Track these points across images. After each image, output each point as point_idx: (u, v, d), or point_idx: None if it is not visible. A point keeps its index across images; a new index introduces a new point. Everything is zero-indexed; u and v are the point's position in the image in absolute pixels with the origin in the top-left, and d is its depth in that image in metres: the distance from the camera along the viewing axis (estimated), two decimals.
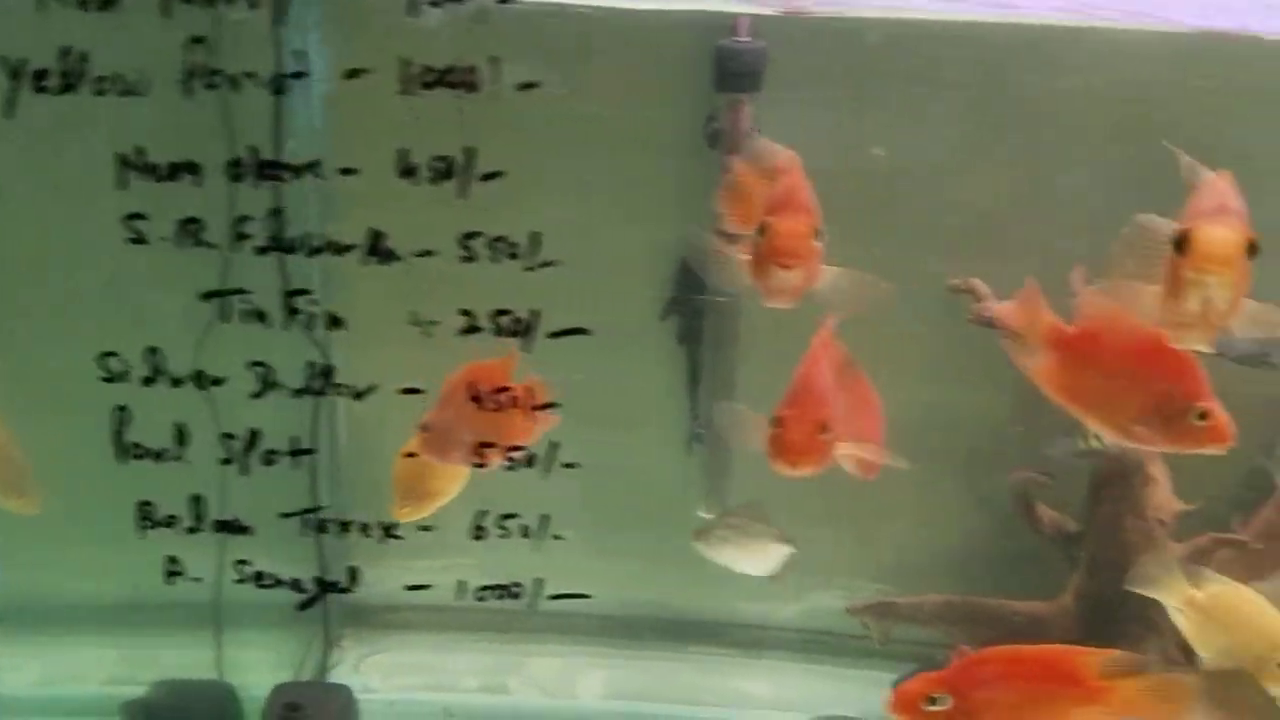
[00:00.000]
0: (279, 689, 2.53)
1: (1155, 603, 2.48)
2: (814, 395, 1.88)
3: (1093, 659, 1.70)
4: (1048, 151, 2.71)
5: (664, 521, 3.03)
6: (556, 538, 2.21)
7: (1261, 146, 2.50)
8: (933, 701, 1.71)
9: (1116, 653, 1.75)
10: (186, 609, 2.69)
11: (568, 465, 2.17)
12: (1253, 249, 1.49)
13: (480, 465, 2.12)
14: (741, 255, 1.89)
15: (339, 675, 3.01)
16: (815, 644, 3.14)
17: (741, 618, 3.19)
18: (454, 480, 2.20)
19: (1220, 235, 1.48)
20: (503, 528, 2.16)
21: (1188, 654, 2.55)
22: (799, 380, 1.91)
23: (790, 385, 1.93)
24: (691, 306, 2.79)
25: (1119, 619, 2.48)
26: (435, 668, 3.07)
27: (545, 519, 2.18)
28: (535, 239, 2.08)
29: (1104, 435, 1.85)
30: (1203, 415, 1.64)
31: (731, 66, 2.52)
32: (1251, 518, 2.55)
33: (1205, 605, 2.00)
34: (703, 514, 2.97)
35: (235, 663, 2.86)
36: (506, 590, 2.18)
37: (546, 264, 2.08)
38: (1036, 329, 1.73)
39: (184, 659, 2.80)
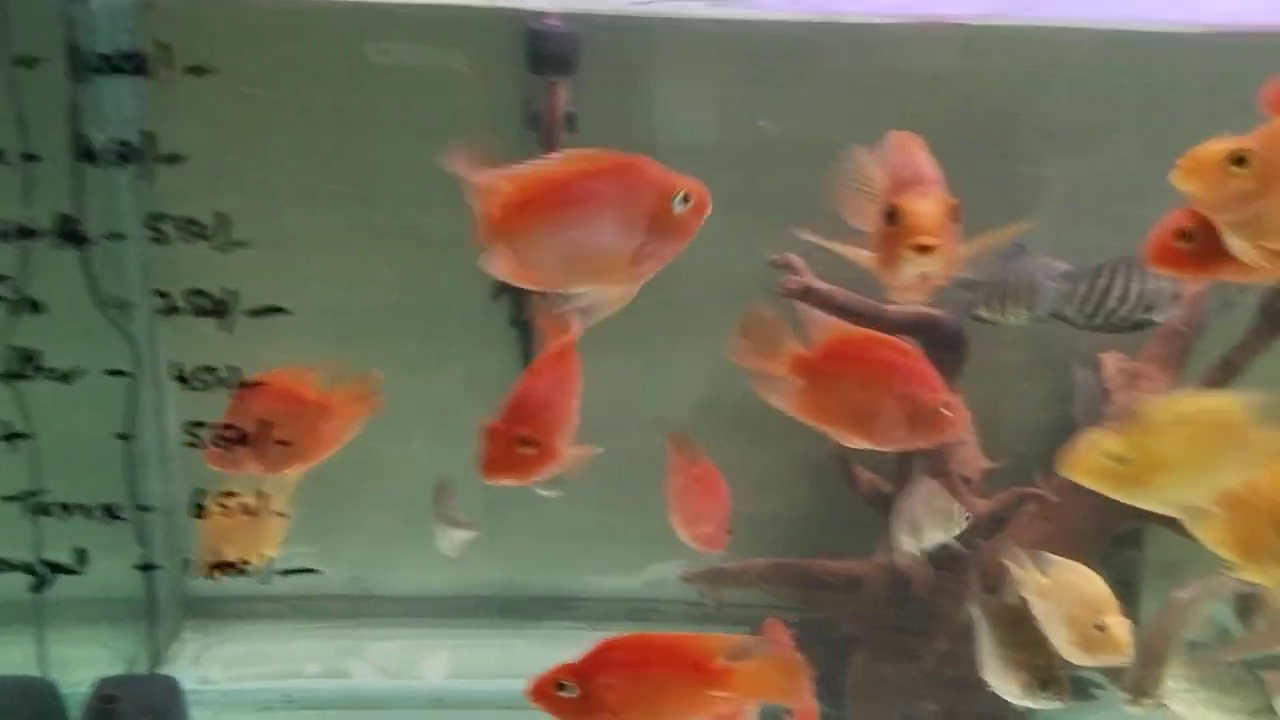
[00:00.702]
0: (102, 683, 2.50)
1: (964, 558, 2.64)
2: (522, 408, 1.89)
3: (712, 644, 1.79)
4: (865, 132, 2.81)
5: (505, 501, 3.09)
6: (280, 515, 2.22)
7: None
8: (561, 688, 1.80)
9: (734, 637, 1.84)
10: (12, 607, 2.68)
11: None
12: (954, 213, 1.63)
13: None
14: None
15: (178, 668, 2.98)
16: (658, 613, 3.21)
17: (587, 591, 3.25)
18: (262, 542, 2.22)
19: (926, 208, 1.61)
20: (222, 505, 2.16)
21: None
22: (515, 389, 1.92)
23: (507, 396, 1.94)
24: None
25: (930, 576, 2.62)
26: (276, 656, 3.06)
27: (264, 496, 2.19)
28: (223, 220, 2.09)
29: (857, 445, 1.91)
30: (945, 407, 1.79)
31: (543, 50, 2.56)
32: (1053, 473, 2.69)
33: (1049, 589, 2.13)
34: (542, 492, 3.02)
35: (67, 660, 2.82)
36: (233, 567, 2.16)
37: (237, 244, 2.11)
38: (779, 362, 1.82)
39: (10, 657, 2.76)
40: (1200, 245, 1.65)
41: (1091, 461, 1.73)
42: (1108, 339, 2.75)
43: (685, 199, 1.60)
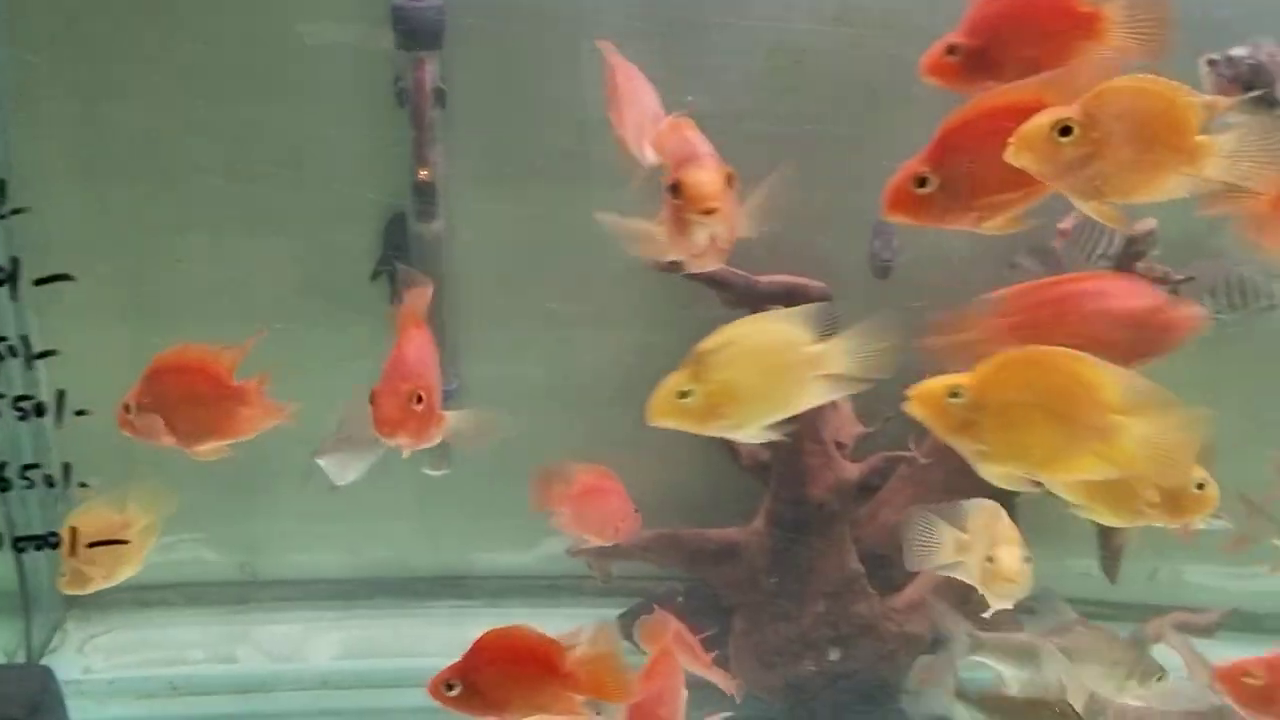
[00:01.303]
0: None
1: (838, 522, 2.70)
2: (406, 369, 1.99)
3: (559, 649, 1.93)
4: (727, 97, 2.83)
5: (393, 481, 3.09)
6: (83, 485, 2.21)
7: None
8: (450, 688, 1.95)
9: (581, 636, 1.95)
10: None
11: None
12: (730, 180, 1.79)
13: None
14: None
15: (61, 658, 2.94)
16: (551, 589, 3.24)
17: (477, 569, 3.25)
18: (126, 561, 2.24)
19: (705, 178, 1.76)
20: (26, 478, 2.15)
21: (868, 567, 2.79)
22: (392, 357, 2.02)
23: (386, 361, 2.04)
24: (399, 268, 2.81)
25: (804, 538, 2.67)
26: (162, 644, 3.03)
27: (68, 467, 2.19)
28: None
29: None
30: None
31: (409, 25, 2.55)
32: (925, 437, 2.75)
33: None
34: (429, 471, 3.03)
35: None
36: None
37: (16, 211, 2.12)
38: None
39: None
40: (938, 193, 1.70)
41: (665, 402, 1.81)
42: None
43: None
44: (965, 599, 2.72)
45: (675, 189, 1.79)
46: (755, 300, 2.63)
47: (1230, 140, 1.64)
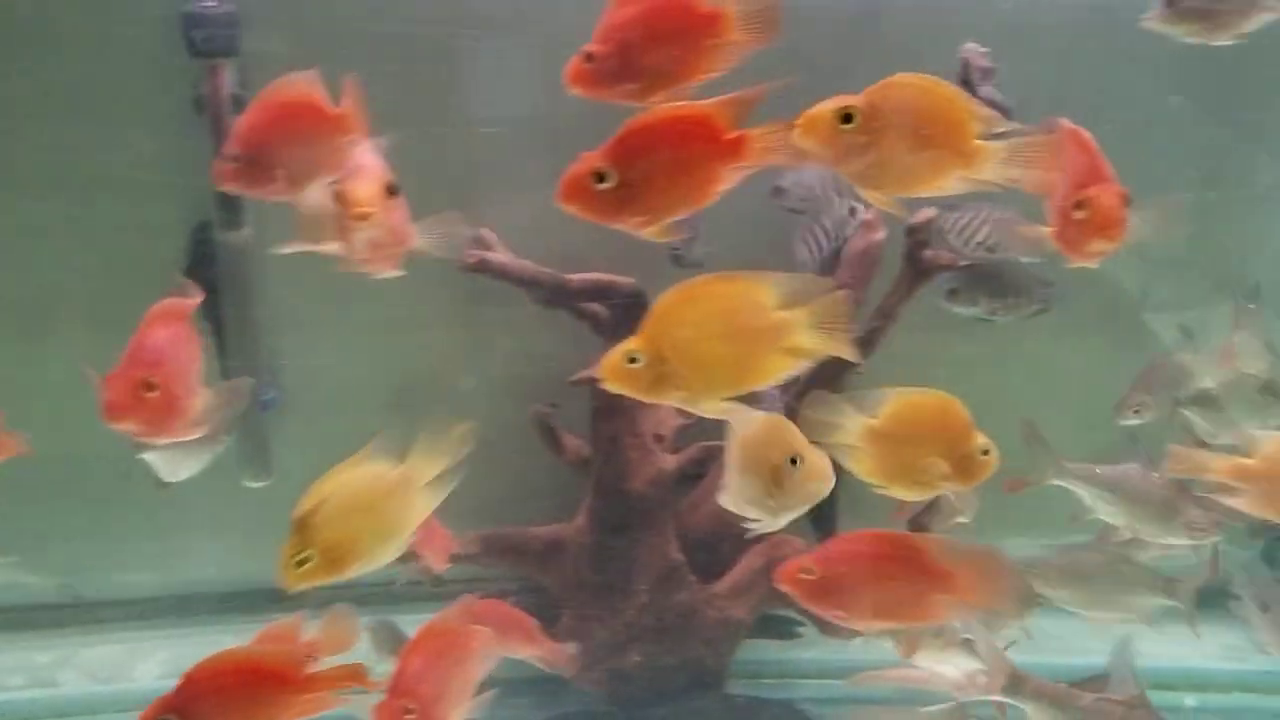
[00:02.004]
0: None
1: (658, 514, 2.74)
2: (138, 356, 1.96)
3: (291, 659, 1.96)
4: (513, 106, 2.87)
5: (214, 495, 3.04)
6: None
7: None
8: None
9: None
10: None
11: None
12: (391, 190, 1.99)
13: None
14: None
15: None
16: (379, 595, 3.20)
17: None
18: None
19: (361, 187, 1.96)
20: None
21: (693, 555, 2.84)
22: (129, 344, 1.99)
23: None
24: (208, 278, 2.77)
25: (626, 532, 2.70)
26: None
27: None
28: None
29: None
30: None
31: (201, 32, 2.52)
32: None
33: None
34: (250, 483, 2.99)
35: None
36: None
37: None
38: None
39: None
40: (615, 191, 1.72)
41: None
42: None
43: None
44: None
45: (338, 199, 1.98)
46: (566, 298, 2.67)
47: (1006, 147, 1.73)
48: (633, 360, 1.70)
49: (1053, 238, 1.93)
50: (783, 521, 1.99)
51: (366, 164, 1.99)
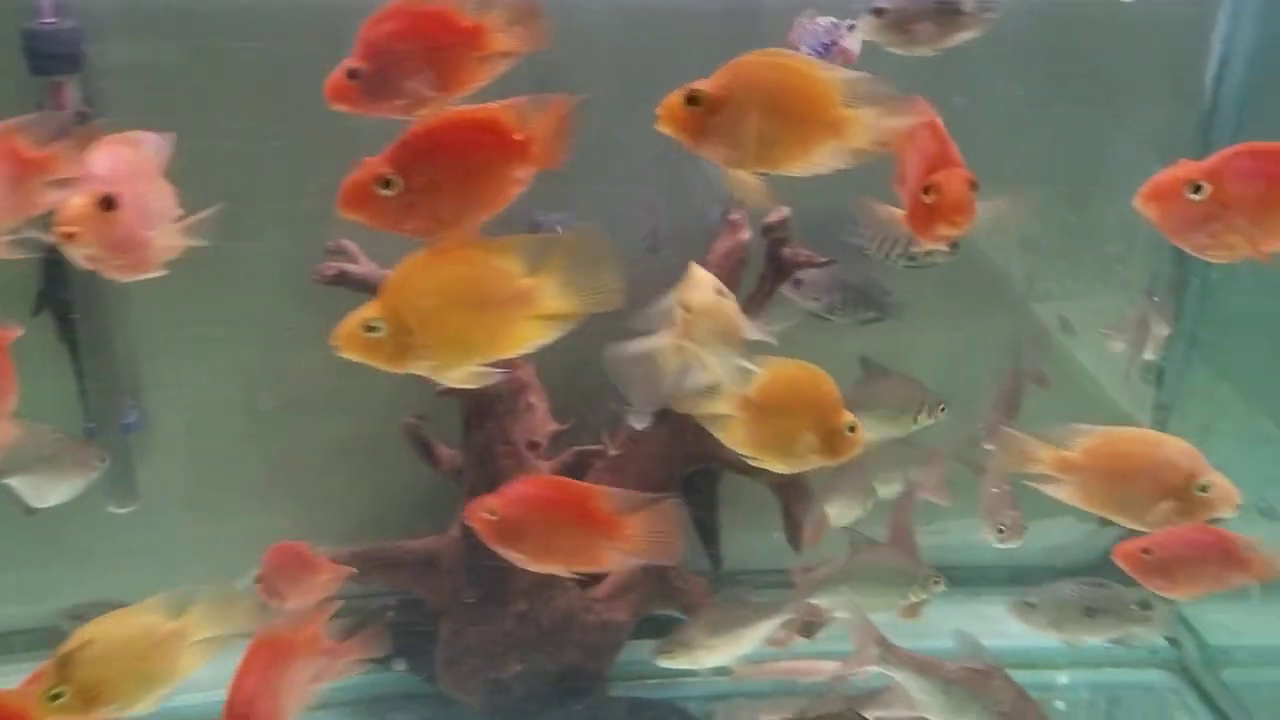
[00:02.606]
0: None
1: None
2: None
3: None
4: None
5: (81, 522, 2.96)
6: None
7: None
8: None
9: None
10: None
11: None
12: (108, 203, 1.88)
13: None
14: None
15: None
16: (265, 618, 3.16)
17: None
18: None
19: (70, 206, 1.86)
20: None
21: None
22: None
23: None
24: (62, 302, 2.70)
25: None
26: None
27: None
28: None
29: None
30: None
31: (41, 49, 2.43)
32: (618, 429, 2.83)
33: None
34: (115, 509, 2.92)
35: None
36: None
37: None
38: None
39: None
40: (399, 197, 1.71)
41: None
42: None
43: None
44: (663, 578, 2.86)
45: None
46: None
47: (875, 111, 1.77)
48: (372, 329, 1.67)
49: (905, 221, 1.97)
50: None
51: (99, 172, 1.91)
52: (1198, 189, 1.73)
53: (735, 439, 1.99)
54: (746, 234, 2.79)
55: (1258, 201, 1.71)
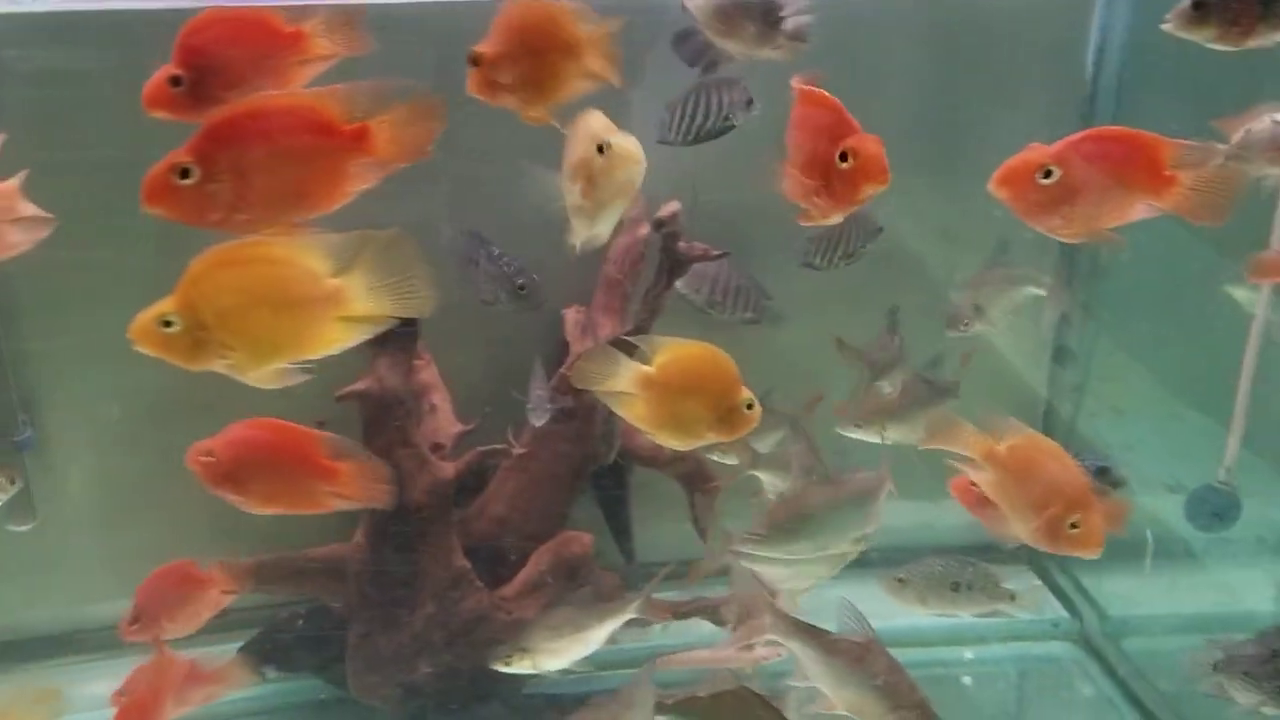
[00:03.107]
0: None
1: (439, 523, 2.72)
2: None
3: None
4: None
5: None
6: None
7: None
8: None
9: None
10: None
11: None
12: None
13: None
14: None
15: None
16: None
17: (88, 622, 3.06)
18: None
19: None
20: None
21: (481, 561, 2.81)
22: None
23: None
24: None
25: (407, 545, 2.67)
26: None
27: None
28: None
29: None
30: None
31: None
32: (523, 428, 2.83)
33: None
34: (13, 528, 2.85)
35: None
36: None
37: None
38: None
39: None
40: (201, 188, 1.64)
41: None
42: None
43: None
44: (574, 574, 2.88)
45: None
46: None
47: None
48: (168, 324, 1.62)
49: (820, 196, 1.99)
50: (602, 228, 2.07)
51: None
52: (1048, 173, 1.79)
53: (635, 415, 2.02)
54: (645, 229, 2.81)
55: (1103, 184, 1.78)
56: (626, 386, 1.99)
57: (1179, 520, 2.99)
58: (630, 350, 1.99)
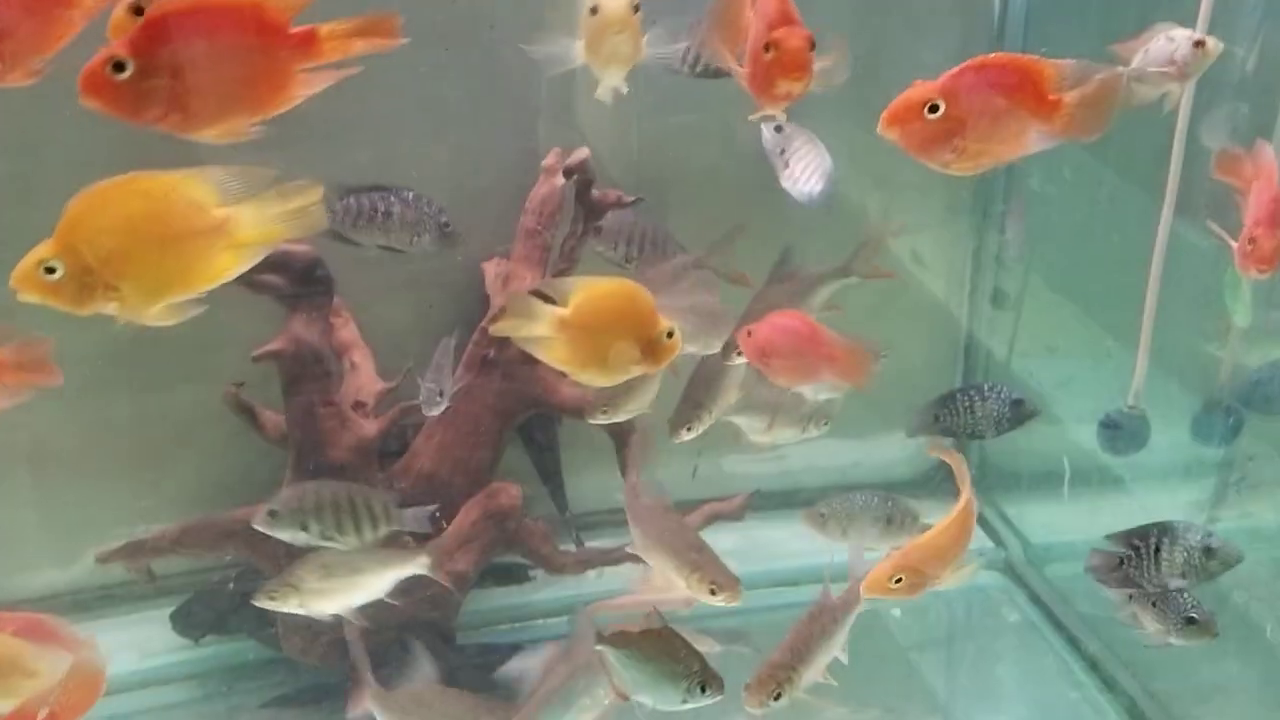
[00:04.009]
0: None
1: (363, 480, 2.68)
2: None
3: None
4: None
5: None
6: None
7: None
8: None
9: None
10: None
11: None
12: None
13: None
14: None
15: None
16: (104, 598, 3.10)
17: (19, 592, 3.04)
18: None
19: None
20: None
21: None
22: None
23: None
24: None
25: None
26: None
27: None
28: None
29: None
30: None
31: None
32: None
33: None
34: None
35: None
36: None
37: None
38: None
39: None
40: (134, 79, 1.59)
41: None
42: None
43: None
44: (504, 527, 2.90)
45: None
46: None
47: None
48: (50, 270, 1.58)
49: (747, 81, 1.99)
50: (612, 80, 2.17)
51: None
52: (934, 108, 1.80)
53: (557, 358, 2.00)
54: (561, 179, 2.81)
55: (991, 113, 1.79)
56: (545, 331, 1.97)
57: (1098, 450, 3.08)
58: (546, 298, 1.98)
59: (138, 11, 1.65)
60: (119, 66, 1.57)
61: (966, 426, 3.00)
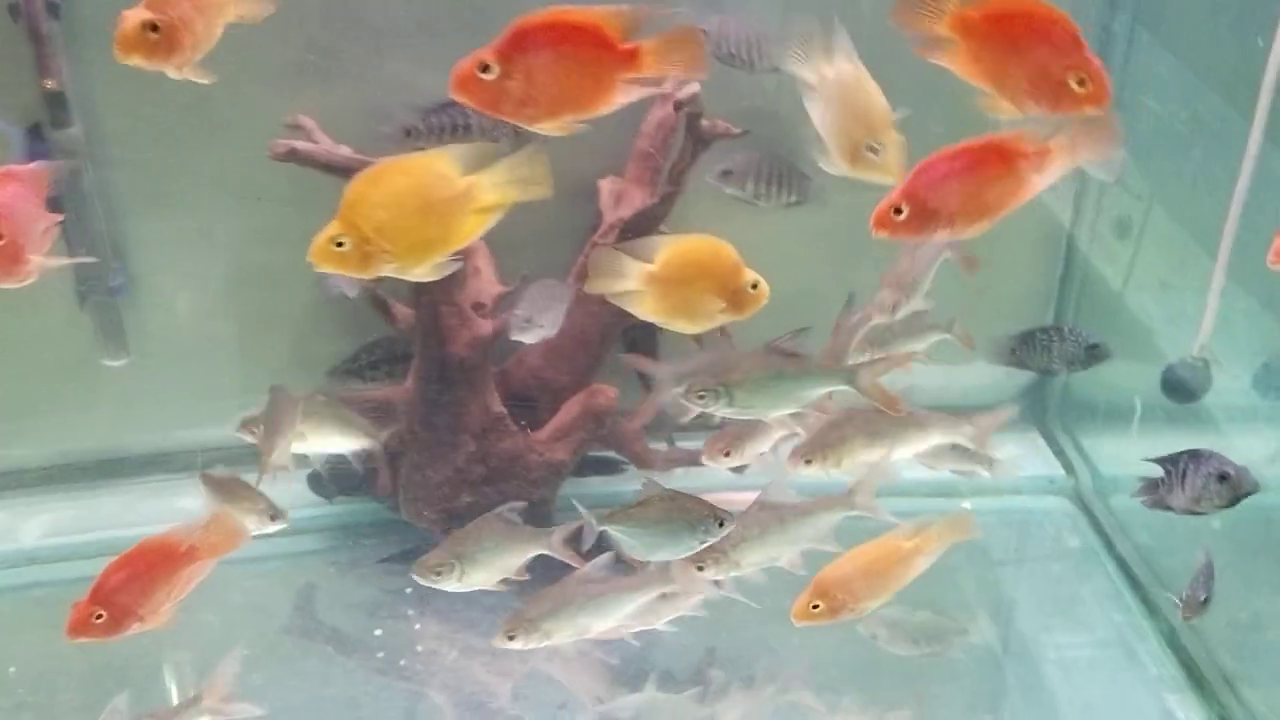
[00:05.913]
0: None
1: (478, 373, 3.00)
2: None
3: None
4: None
5: (78, 375, 3.30)
6: None
7: None
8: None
9: None
10: None
11: None
12: None
13: None
14: None
15: None
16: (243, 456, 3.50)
17: (182, 445, 3.48)
18: None
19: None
20: None
21: (517, 409, 3.13)
22: None
23: None
24: None
25: (450, 390, 3.00)
26: None
27: None
28: None
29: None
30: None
31: None
32: None
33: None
34: (109, 362, 3.23)
35: None
36: None
37: None
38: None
39: None
40: (497, 80, 1.85)
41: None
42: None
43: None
44: (599, 423, 3.18)
45: None
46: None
47: None
48: (339, 244, 1.87)
49: None
50: None
51: None
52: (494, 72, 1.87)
53: (647, 310, 2.17)
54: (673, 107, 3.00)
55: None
56: (634, 285, 2.13)
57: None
58: (634, 253, 2.14)
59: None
60: (485, 68, 1.86)
61: (1041, 364, 3.16)
